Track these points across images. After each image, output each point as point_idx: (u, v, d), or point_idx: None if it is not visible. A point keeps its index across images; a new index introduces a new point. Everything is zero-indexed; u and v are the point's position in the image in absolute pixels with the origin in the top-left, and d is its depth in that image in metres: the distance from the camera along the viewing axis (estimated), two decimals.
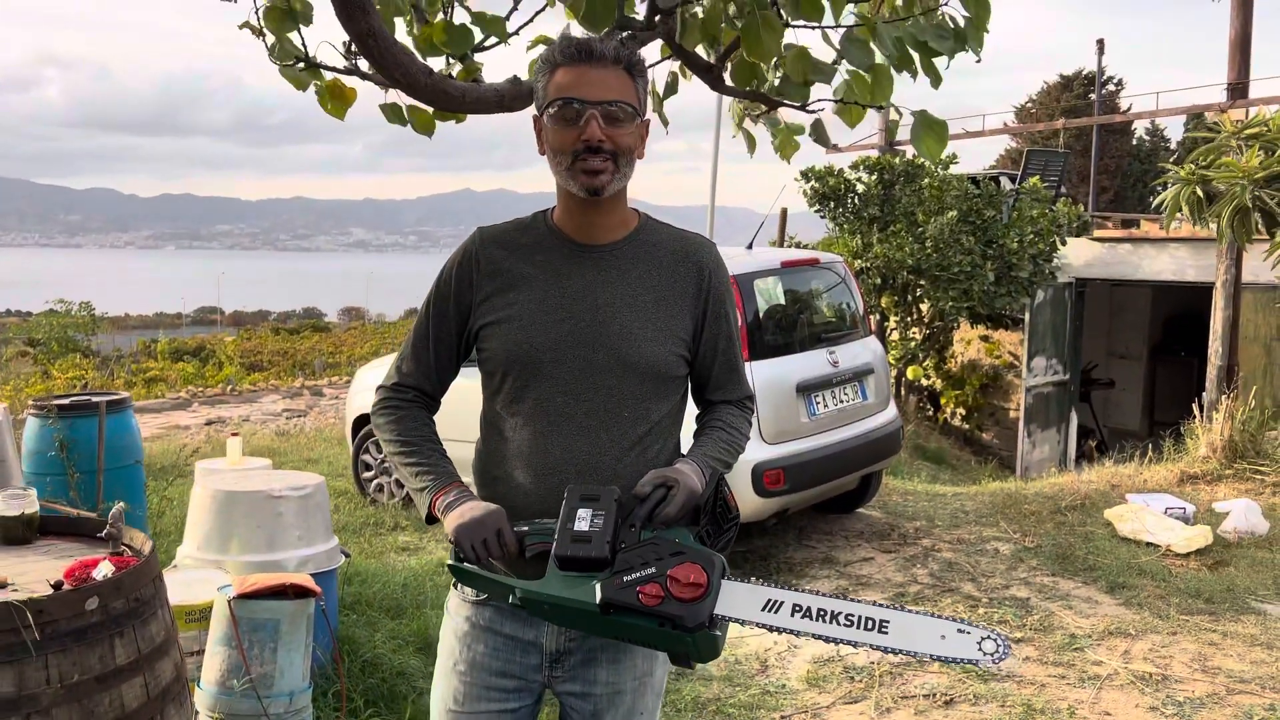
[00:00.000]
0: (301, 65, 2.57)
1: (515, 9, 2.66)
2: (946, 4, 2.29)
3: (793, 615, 1.59)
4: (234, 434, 4.72)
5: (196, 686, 3.19)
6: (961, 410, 11.07)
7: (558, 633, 1.84)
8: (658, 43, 2.44)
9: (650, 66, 2.71)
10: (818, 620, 1.58)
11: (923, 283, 9.81)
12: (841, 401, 5.61)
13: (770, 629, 1.58)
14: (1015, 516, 6.30)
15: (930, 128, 2.44)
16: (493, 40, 2.57)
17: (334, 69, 2.59)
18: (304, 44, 2.56)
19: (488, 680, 1.86)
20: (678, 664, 1.69)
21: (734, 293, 5.15)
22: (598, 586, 1.59)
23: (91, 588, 2.28)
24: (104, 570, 2.39)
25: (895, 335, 10.31)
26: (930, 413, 10.87)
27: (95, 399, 5.20)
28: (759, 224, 6.38)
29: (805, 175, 10.00)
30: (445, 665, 1.93)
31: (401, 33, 2.65)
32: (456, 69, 2.53)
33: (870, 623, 1.56)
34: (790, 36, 2.55)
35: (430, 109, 2.53)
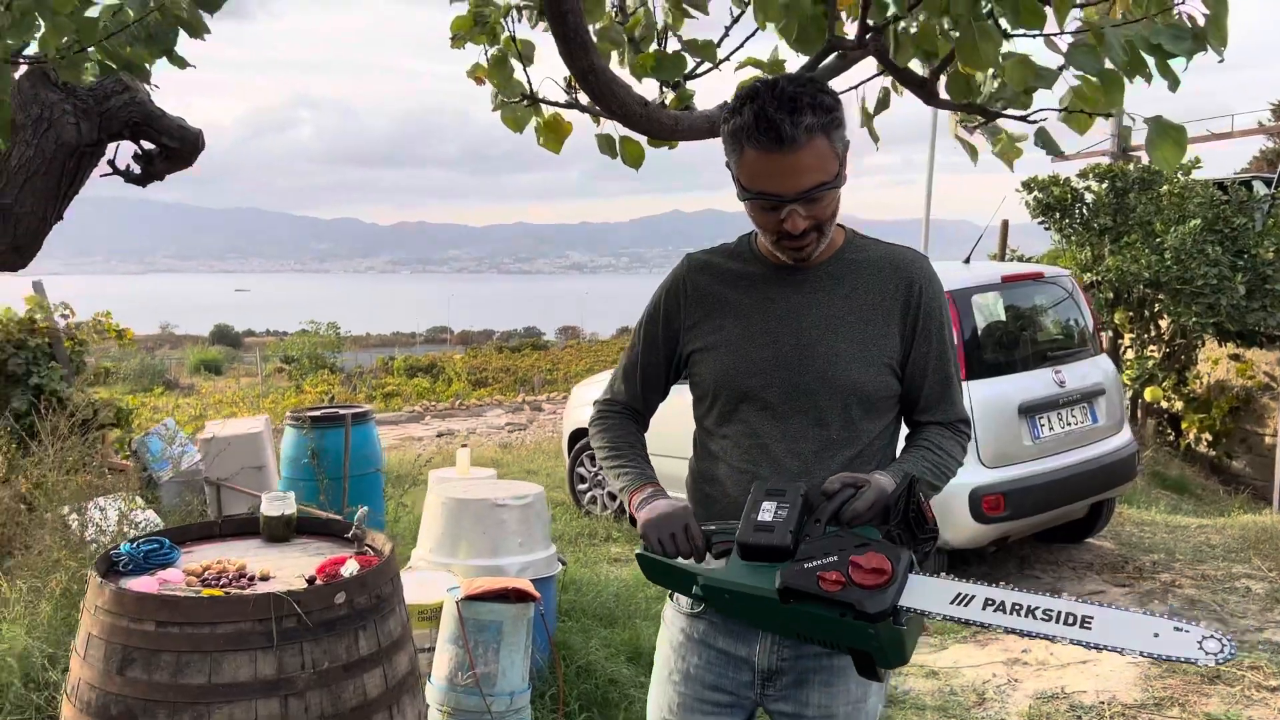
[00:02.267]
0: (526, 101, 2.74)
1: (726, 35, 2.72)
2: (1183, 3, 2.16)
3: (984, 609, 1.50)
4: (463, 446, 5.02)
5: (427, 681, 3.41)
6: (1207, 435, 10.16)
7: (769, 650, 1.85)
8: (870, 59, 2.43)
9: (862, 83, 2.71)
10: (1012, 614, 1.48)
11: (1161, 297, 9.10)
12: (1069, 424, 5.31)
13: (959, 621, 1.50)
14: (1271, 552, 5.73)
15: (1166, 133, 2.29)
16: (705, 66, 2.65)
17: (555, 104, 2.74)
18: (529, 81, 2.72)
19: (701, 693, 1.90)
20: (864, 675, 1.65)
21: (950, 309, 5.02)
22: (778, 574, 1.58)
23: (340, 583, 2.50)
24: (351, 568, 2.61)
25: (1130, 354, 9.62)
26: (1171, 438, 10.03)
27: (342, 412, 5.68)
28: (977, 237, 6.15)
29: (1028, 185, 9.51)
30: (661, 674, 1.98)
31: (616, 63, 2.78)
32: (669, 96, 2.62)
33: (1071, 618, 1.45)
34: (1010, 44, 2.48)
35: (642, 140, 2.63)
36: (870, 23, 2.11)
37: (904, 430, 1.95)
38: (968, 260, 5.78)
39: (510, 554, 3.99)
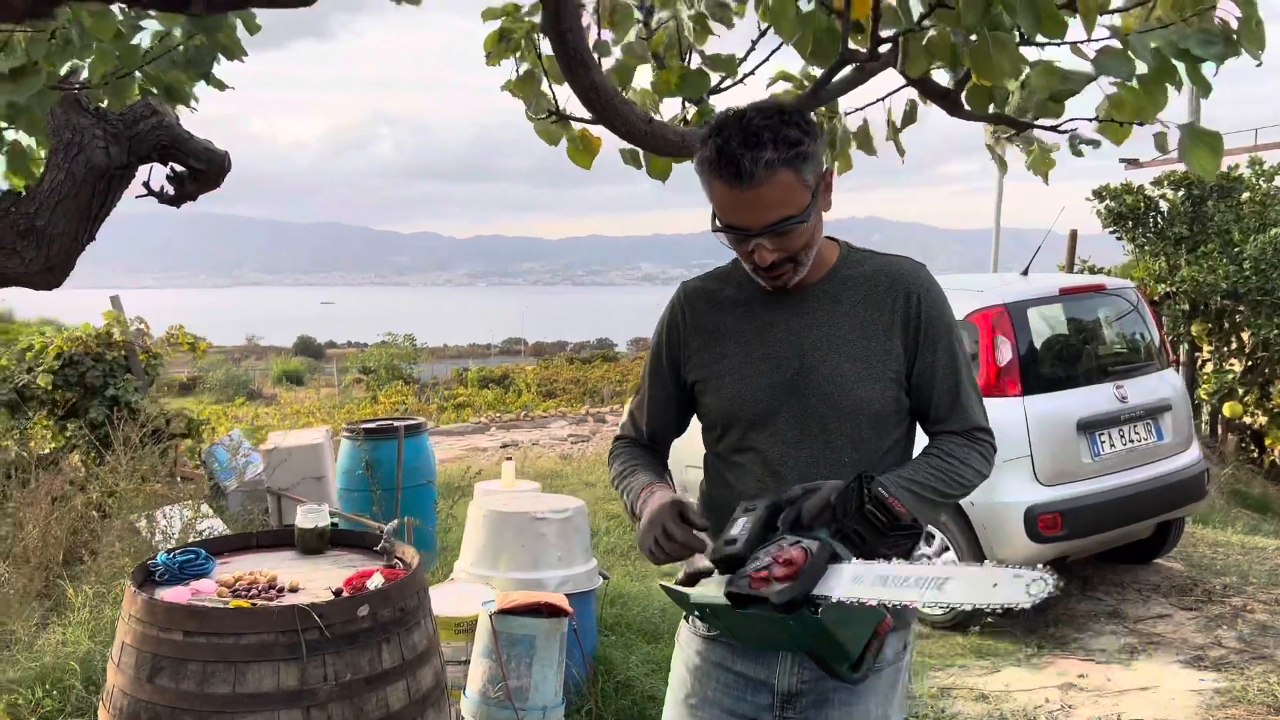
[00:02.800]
0: (554, 118, 2.76)
1: (753, 49, 2.71)
2: (1214, 6, 2.07)
3: (873, 585, 1.52)
4: (508, 458, 5.06)
5: (462, 694, 3.43)
6: None
7: (789, 672, 1.83)
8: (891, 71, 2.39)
9: (888, 95, 2.66)
10: (890, 586, 1.50)
11: (1241, 309, 8.75)
12: (1131, 441, 5.13)
13: (853, 603, 1.52)
14: None
15: (1201, 140, 2.20)
16: (728, 82, 2.63)
17: (582, 119, 2.75)
18: (554, 98, 2.74)
19: (719, 717, 1.88)
20: (830, 673, 1.63)
21: (1005, 320, 4.88)
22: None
23: (364, 596, 2.54)
24: (376, 581, 2.65)
25: (1209, 368, 9.26)
26: (1255, 455, 9.62)
27: (396, 424, 5.78)
28: (1036, 248, 5.99)
29: (1099, 194, 9.24)
30: (676, 697, 1.96)
31: (645, 79, 2.78)
32: (692, 112, 2.61)
33: (934, 581, 1.47)
34: (1039, 52, 2.41)
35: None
36: (882, 34, 2.08)
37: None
38: (1026, 271, 5.64)
39: (550, 567, 4.00)
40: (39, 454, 6.56)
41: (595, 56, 2.11)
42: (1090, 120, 2.39)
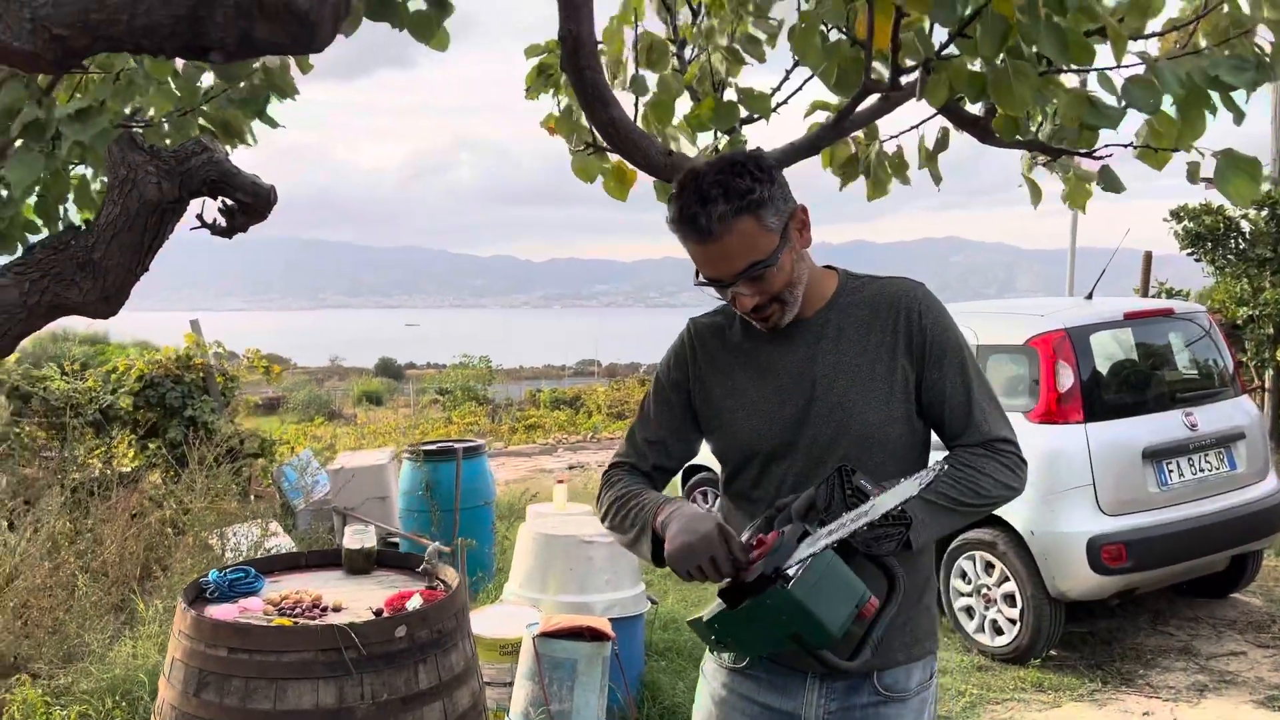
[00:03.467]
0: (590, 150, 2.81)
1: (787, 78, 2.73)
2: (1248, 32, 2.03)
3: (822, 539, 1.61)
4: (560, 480, 5.12)
5: (505, 716, 3.48)
6: None
7: (816, 704, 1.83)
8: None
9: (922, 123, 2.66)
10: (834, 533, 1.60)
11: None
12: (1202, 470, 4.96)
13: (806, 560, 1.59)
14: None
15: (1239, 167, 2.15)
16: (758, 115, 2.66)
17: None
18: (592, 132, 2.80)
19: None
20: (822, 663, 1.65)
21: (1066, 345, 4.77)
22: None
23: (401, 617, 2.60)
24: (415, 602, 2.71)
25: None
26: None
27: (454, 446, 5.88)
28: (1102, 270, 5.84)
29: (1176, 215, 8.97)
30: None
31: (679, 114, 2.82)
32: (724, 142, 2.64)
33: (863, 512, 1.59)
34: (1070, 79, 2.39)
35: None
36: (906, 64, 2.08)
37: None
38: (1090, 295, 5.51)
39: (597, 591, 4.03)
40: (120, 472, 6.84)
41: (618, 92, 2.16)
42: (1126, 146, 2.35)
